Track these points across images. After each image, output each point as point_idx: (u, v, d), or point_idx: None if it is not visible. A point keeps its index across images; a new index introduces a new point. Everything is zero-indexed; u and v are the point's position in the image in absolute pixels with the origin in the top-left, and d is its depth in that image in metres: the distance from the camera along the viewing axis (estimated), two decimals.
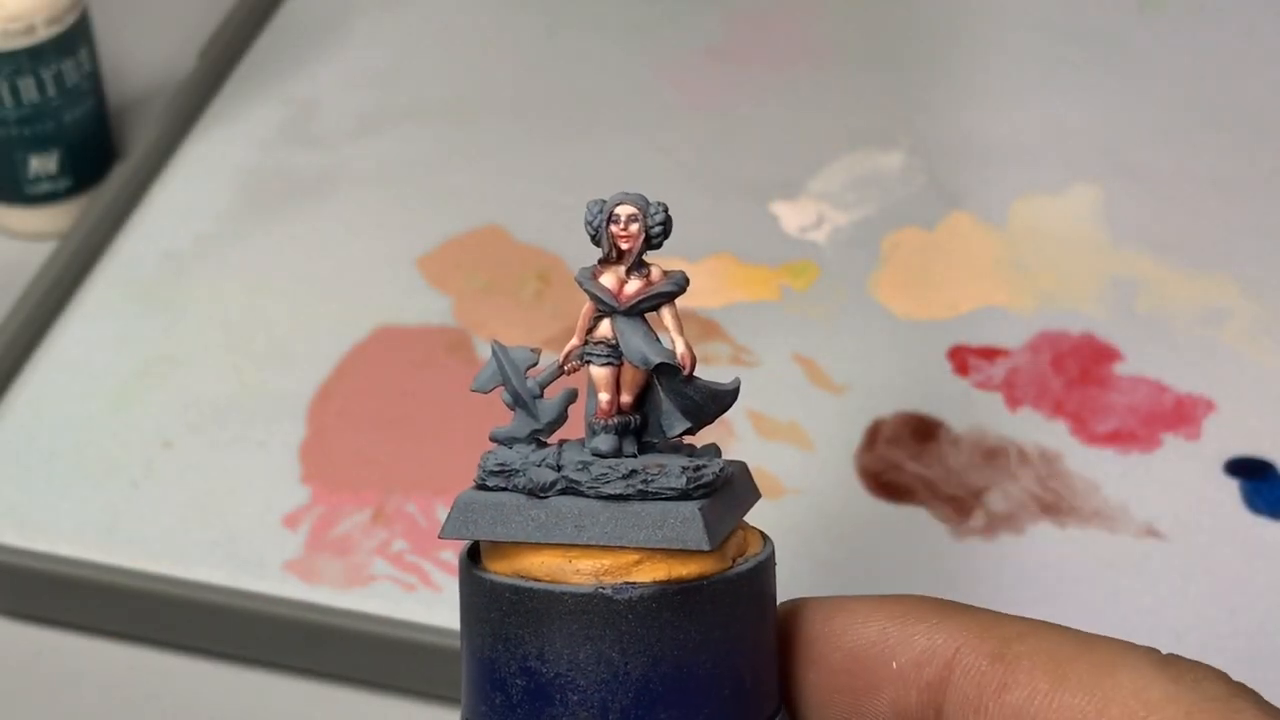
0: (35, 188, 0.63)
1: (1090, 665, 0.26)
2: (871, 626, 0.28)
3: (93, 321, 0.58)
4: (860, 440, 0.54)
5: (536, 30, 0.72)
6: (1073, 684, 0.26)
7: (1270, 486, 0.52)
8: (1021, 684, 0.27)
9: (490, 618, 0.27)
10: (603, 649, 0.26)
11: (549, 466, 0.27)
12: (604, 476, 0.27)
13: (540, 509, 0.27)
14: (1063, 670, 0.27)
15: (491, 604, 0.27)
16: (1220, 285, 0.59)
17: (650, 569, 0.27)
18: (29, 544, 0.50)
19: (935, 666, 0.28)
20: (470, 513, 0.27)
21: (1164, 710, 0.25)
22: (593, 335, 0.28)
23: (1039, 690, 0.27)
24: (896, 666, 0.28)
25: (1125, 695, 0.26)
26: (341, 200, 0.63)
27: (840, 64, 0.70)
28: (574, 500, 0.27)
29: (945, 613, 0.28)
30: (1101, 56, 0.70)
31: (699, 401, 0.28)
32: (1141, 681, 0.26)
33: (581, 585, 0.26)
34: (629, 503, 0.27)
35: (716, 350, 0.57)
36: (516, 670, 0.27)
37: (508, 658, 0.27)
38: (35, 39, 0.60)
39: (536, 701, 0.27)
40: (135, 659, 0.50)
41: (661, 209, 0.28)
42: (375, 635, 0.48)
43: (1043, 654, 0.27)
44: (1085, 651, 0.27)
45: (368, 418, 0.54)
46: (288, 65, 0.70)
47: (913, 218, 0.62)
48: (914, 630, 0.28)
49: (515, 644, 0.27)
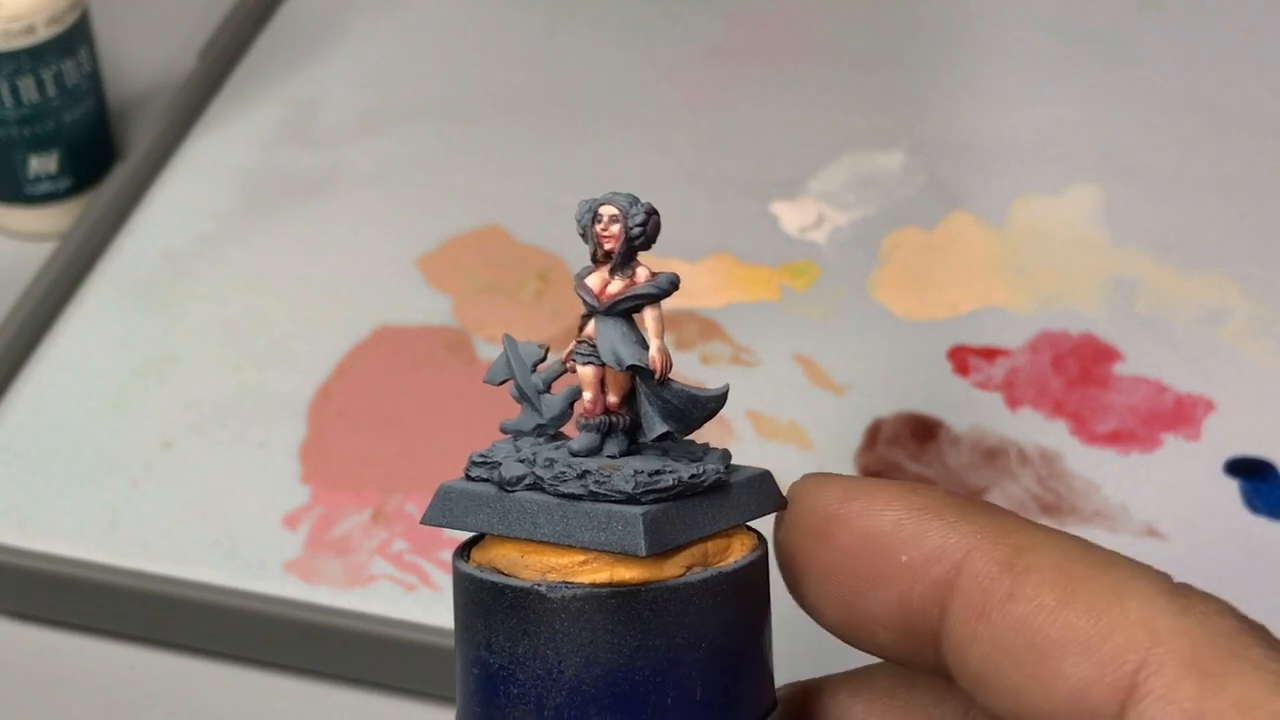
0: (35, 188, 0.63)
1: (1100, 587, 0.26)
2: (888, 515, 0.28)
3: (93, 321, 0.58)
4: (860, 440, 0.54)
5: (536, 30, 0.72)
6: (1080, 604, 0.26)
7: (1270, 486, 0.52)
8: (1028, 597, 0.26)
9: (457, 606, 0.28)
10: (538, 645, 0.27)
11: (522, 461, 0.27)
12: (562, 475, 0.27)
13: (506, 502, 0.27)
14: (1072, 588, 0.26)
15: (459, 593, 0.28)
16: (1220, 285, 0.59)
17: (593, 571, 0.27)
18: (29, 544, 0.50)
19: (945, 566, 0.27)
20: (447, 501, 0.28)
21: (1170, 642, 0.25)
22: (581, 334, 0.28)
23: (1045, 606, 0.26)
24: (906, 560, 0.27)
25: (1132, 623, 0.25)
26: (342, 200, 0.63)
27: (840, 64, 0.70)
28: (537, 496, 0.27)
29: (964, 512, 0.28)
30: (1101, 56, 0.70)
31: (678, 405, 0.28)
32: (1150, 610, 0.25)
33: (522, 581, 0.27)
34: (581, 502, 0.27)
35: (716, 350, 0.57)
36: (473, 659, 0.27)
37: (466, 647, 0.28)
38: (35, 39, 0.60)
39: (485, 691, 0.27)
40: (135, 659, 0.50)
41: (642, 210, 0.28)
42: (375, 635, 0.48)
43: (1054, 569, 0.26)
44: (1097, 572, 0.26)
45: (368, 418, 0.54)
46: (288, 65, 0.70)
47: (913, 218, 0.62)
48: (929, 526, 0.27)
49: (470, 632, 0.27)
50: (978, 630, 0.27)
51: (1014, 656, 0.26)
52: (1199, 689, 0.24)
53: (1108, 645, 0.25)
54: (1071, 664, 0.26)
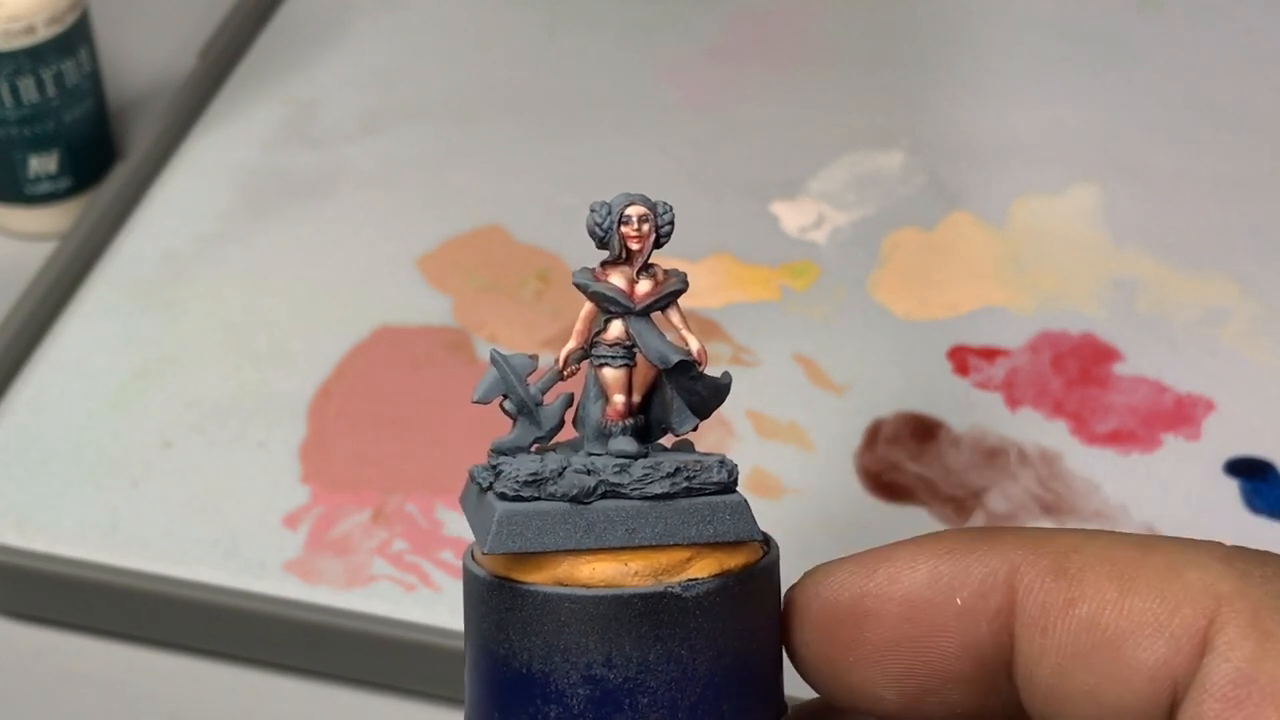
0: (35, 188, 0.63)
1: (1156, 568, 0.26)
2: (921, 569, 0.27)
3: (93, 321, 0.58)
4: (860, 440, 0.54)
5: (536, 30, 0.72)
6: (1141, 588, 0.25)
7: (1270, 486, 0.52)
8: (1088, 596, 0.26)
9: (543, 630, 0.27)
10: (672, 648, 0.26)
11: (582, 471, 0.27)
12: (647, 477, 0.27)
13: (585, 515, 0.27)
14: (1128, 576, 0.26)
15: (544, 616, 0.27)
16: (1220, 285, 0.59)
17: (704, 564, 0.27)
18: (29, 544, 0.51)
19: (1000, 592, 0.26)
20: (514, 525, 0.27)
21: (1234, 604, 0.25)
22: (603, 337, 0.28)
23: (1107, 600, 0.25)
24: (961, 602, 0.27)
25: (1195, 593, 0.25)
26: (342, 200, 0.63)
27: (840, 64, 0.70)
28: (618, 503, 0.27)
29: (991, 538, 0.27)
30: (1101, 56, 0.70)
31: (705, 396, 0.28)
32: (1210, 576, 0.25)
33: (647, 586, 0.27)
34: (675, 500, 0.27)
35: (717, 350, 0.57)
36: (578, 680, 0.27)
37: (567, 668, 0.27)
38: (35, 39, 0.60)
39: (603, 709, 0.27)
40: (135, 659, 0.50)
41: (669, 209, 0.28)
42: (375, 635, 0.48)
43: (1104, 562, 0.26)
44: (1147, 554, 0.26)
45: (368, 418, 0.54)
46: (288, 65, 0.70)
47: (913, 218, 0.62)
48: (967, 561, 0.27)
49: (577, 653, 0.27)
50: (1044, 644, 0.26)
51: (1086, 659, 0.26)
52: (1257, 650, 0.24)
53: (1177, 619, 0.25)
54: (1146, 647, 0.25)
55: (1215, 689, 0.24)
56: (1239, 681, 0.24)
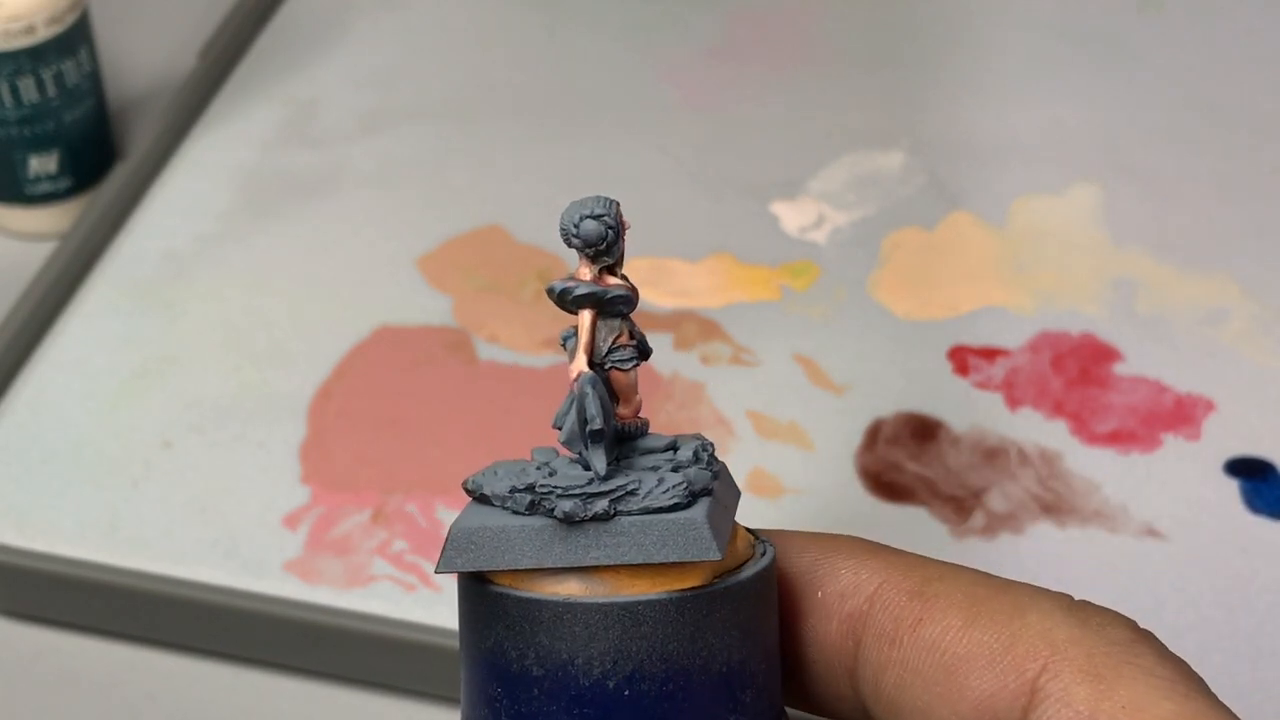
0: (35, 188, 0.63)
1: (1002, 606, 0.28)
2: (804, 557, 0.30)
3: (93, 321, 0.58)
4: (860, 440, 0.54)
5: (536, 30, 0.72)
6: (984, 622, 0.27)
7: (1270, 486, 0.52)
8: (936, 619, 0.28)
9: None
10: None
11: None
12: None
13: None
14: (976, 609, 0.28)
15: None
16: (1220, 285, 0.59)
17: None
18: (29, 544, 0.51)
19: (858, 599, 0.29)
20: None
21: (1067, 651, 0.27)
22: (619, 339, 0.28)
23: (952, 626, 0.28)
24: (821, 595, 0.29)
25: (1032, 634, 0.27)
26: (342, 200, 0.63)
27: (840, 64, 0.70)
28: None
29: (873, 551, 0.29)
30: (1101, 56, 0.70)
31: None
32: (1049, 623, 0.27)
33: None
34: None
35: (716, 350, 0.57)
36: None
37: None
38: (35, 39, 0.60)
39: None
40: (135, 659, 0.50)
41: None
42: (375, 635, 0.48)
43: (959, 593, 0.28)
44: (999, 594, 0.28)
45: (368, 418, 0.54)
46: (288, 65, 0.70)
47: (913, 218, 0.62)
48: (841, 564, 0.29)
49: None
50: (890, 656, 0.28)
51: (924, 677, 0.28)
52: (1093, 692, 0.26)
53: (1010, 656, 0.27)
54: (977, 676, 0.27)
55: None
56: None
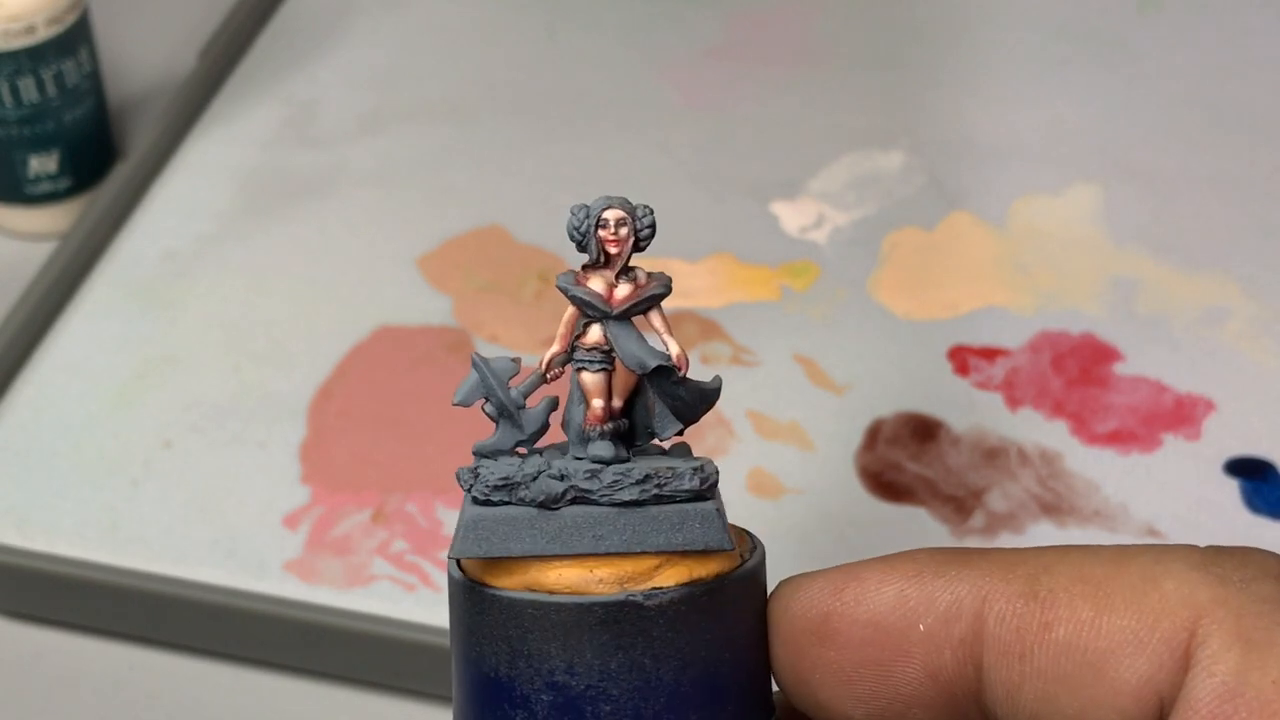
0: (35, 188, 0.63)
1: (1130, 583, 0.25)
2: (888, 590, 0.26)
3: (93, 321, 0.58)
4: (860, 440, 0.54)
5: (536, 30, 0.72)
6: (1118, 605, 0.25)
7: (1270, 486, 0.52)
8: (1064, 618, 0.25)
9: (508, 635, 0.27)
10: (635, 656, 0.26)
11: (554, 477, 0.27)
12: (617, 483, 0.27)
13: (553, 521, 0.27)
14: (1103, 593, 0.25)
15: (508, 621, 0.27)
16: (1220, 285, 0.59)
17: (672, 573, 0.27)
18: (29, 544, 0.51)
19: (966, 620, 0.26)
20: (480, 530, 0.27)
21: (1214, 613, 0.24)
22: (582, 341, 0.28)
23: (1084, 621, 0.25)
24: (924, 628, 0.26)
25: (1173, 605, 0.24)
26: (342, 200, 0.63)
27: (840, 64, 0.70)
28: (586, 509, 0.27)
29: (962, 561, 0.26)
30: (1101, 56, 0.70)
31: (689, 401, 0.28)
32: (1187, 586, 0.24)
33: (609, 594, 0.26)
34: (645, 508, 0.27)
35: (716, 350, 0.57)
36: (541, 686, 0.26)
37: (530, 674, 0.26)
38: (35, 39, 0.60)
39: (566, 715, 0.26)
40: (135, 659, 0.50)
41: (649, 212, 0.27)
42: (375, 635, 0.48)
43: (1077, 581, 0.25)
44: (1121, 569, 0.25)
45: (368, 418, 0.54)
46: (288, 65, 0.70)
47: (913, 218, 0.62)
48: (934, 586, 0.26)
49: (539, 660, 0.26)
50: (1023, 670, 0.26)
51: (1069, 683, 0.25)
52: (1241, 661, 0.24)
53: (1157, 634, 0.25)
54: (1129, 666, 0.25)
55: (1201, 706, 0.24)
56: (1225, 696, 0.24)
